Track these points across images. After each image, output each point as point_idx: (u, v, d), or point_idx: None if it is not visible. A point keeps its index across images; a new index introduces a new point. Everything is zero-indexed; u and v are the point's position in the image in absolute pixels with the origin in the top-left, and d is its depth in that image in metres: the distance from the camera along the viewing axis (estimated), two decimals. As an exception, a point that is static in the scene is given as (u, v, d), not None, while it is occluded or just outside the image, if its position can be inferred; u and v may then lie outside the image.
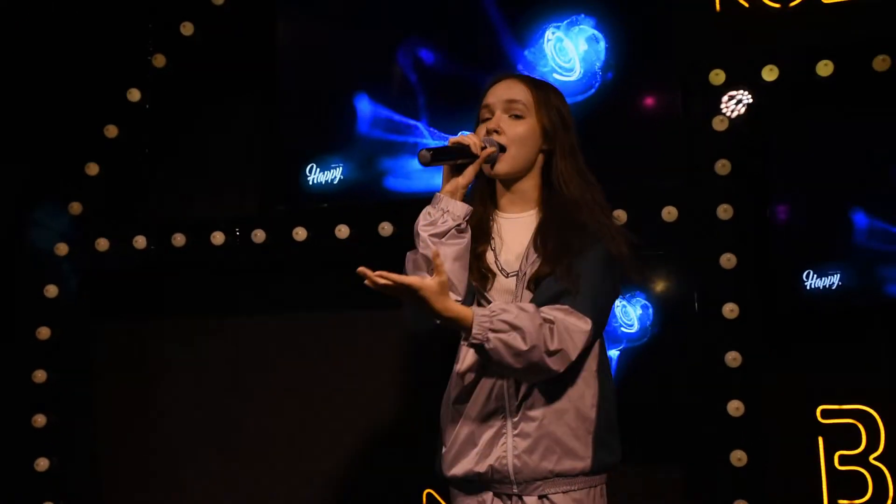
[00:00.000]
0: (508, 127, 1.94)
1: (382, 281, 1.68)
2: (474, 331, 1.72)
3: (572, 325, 1.79)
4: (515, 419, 1.87)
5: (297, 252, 3.05)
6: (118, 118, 3.19)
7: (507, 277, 1.92)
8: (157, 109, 3.23)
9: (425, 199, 2.34)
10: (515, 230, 1.97)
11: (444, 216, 1.88)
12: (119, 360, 3.33)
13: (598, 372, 1.93)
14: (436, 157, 1.84)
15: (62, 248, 3.17)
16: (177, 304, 3.30)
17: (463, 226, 1.89)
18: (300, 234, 3.03)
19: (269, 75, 3.12)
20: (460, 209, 1.89)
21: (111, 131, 3.18)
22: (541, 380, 1.84)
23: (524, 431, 1.86)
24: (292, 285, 3.21)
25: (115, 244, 3.15)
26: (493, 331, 1.72)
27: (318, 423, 3.16)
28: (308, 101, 3.08)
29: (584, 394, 1.90)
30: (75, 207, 3.18)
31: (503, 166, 1.94)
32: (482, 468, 1.88)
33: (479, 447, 1.88)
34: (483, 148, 1.90)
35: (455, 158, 1.88)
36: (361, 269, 1.69)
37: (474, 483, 1.92)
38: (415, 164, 2.96)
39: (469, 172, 1.90)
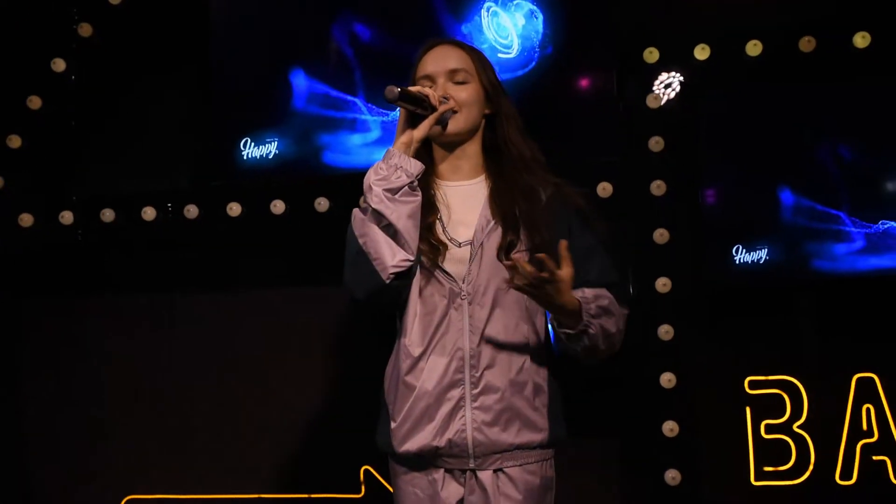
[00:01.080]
0: (455, 92, 1.93)
1: (530, 269, 1.69)
2: (584, 318, 1.79)
3: (619, 312, 1.90)
4: (475, 391, 1.84)
5: (232, 228, 2.99)
6: (42, 89, 3.07)
7: (459, 247, 1.89)
8: (84, 80, 3.11)
9: (364, 174, 2.33)
10: (463, 198, 1.94)
11: (397, 172, 1.83)
12: (45, 341, 3.22)
13: (546, 346, 1.95)
14: (403, 95, 1.80)
15: (-17, 224, 3.06)
16: (106, 282, 3.20)
17: (415, 184, 1.85)
18: (234, 209, 2.97)
19: (201, 46, 3.04)
20: (414, 166, 1.84)
21: (34, 102, 3.06)
22: (596, 361, 1.91)
23: (484, 404, 1.84)
24: (227, 261, 3.15)
25: (40, 220, 3.05)
26: (593, 316, 1.80)
27: (252, 402, 3.12)
28: (242, 75, 3.01)
29: (539, 367, 1.91)
30: (-4, 182, 3.07)
31: (455, 126, 1.92)
32: (440, 442, 1.84)
33: (436, 421, 1.84)
34: (441, 103, 1.88)
35: (416, 106, 1.85)
36: (515, 257, 1.74)
37: (426, 459, 1.88)
38: (354, 139, 2.93)
39: (424, 126, 1.86)
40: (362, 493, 2.98)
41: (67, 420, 3.20)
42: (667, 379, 2.72)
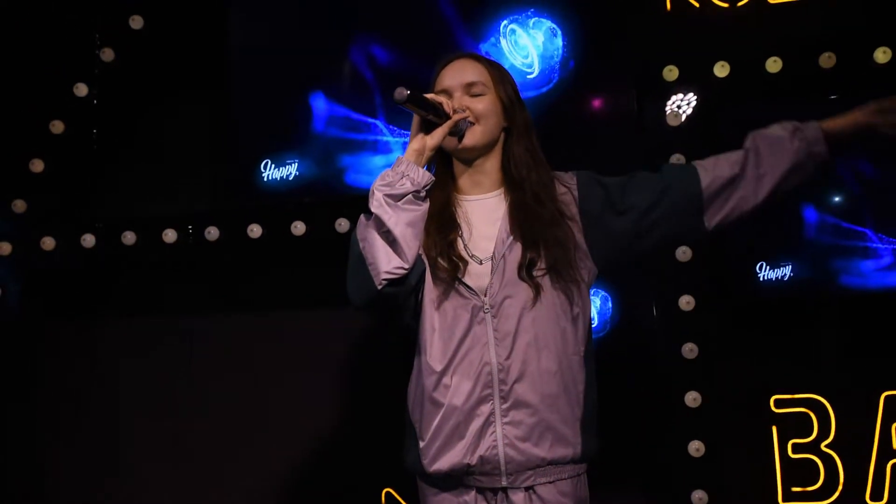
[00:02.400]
0: (471, 104, 1.91)
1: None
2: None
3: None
4: (505, 406, 1.81)
5: (253, 249, 2.99)
6: (64, 113, 3.10)
7: (480, 264, 1.86)
8: (106, 104, 3.14)
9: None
10: (483, 213, 1.92)
11: (402, 179, 1.80)
12: (67, 363, 3.22)
13: (587, 356, 1.91)
14: (412, 98, 1.79)
15: (5, 248, 3.06)
16: (127, 304, 3.21)
17: (422, 194, 1.82)
18: (255, 230, 2.98)
19: (221, 69, 3.07)
20: (421, 177, 1.81)
21: (57, 127, 3.08)
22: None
23: (516, 419, 1.80)
24: (247, 283, 3.15)
25: (62, 243, 3.06)
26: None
27: (273, 423, 3.10)
28: (262, 97, 3.04)
29: (576, 378, 1.87)
30: (19, 205, 3.08)
31: (471, 138, 1.89)
32: (472, 460, 1.81)
33: (466, 438, 1.80)
34: (456, 112, 1.87)
35: (428, 111, 1.83)
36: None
37: (457, 478, 1.85)
38: (377, 160, 2.94)
39: (438, 134, 1.84)
40: (384, 515, 2.96)
41: (86, 440, 3.19)
42: (692, 398, 2.69)
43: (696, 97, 2.82)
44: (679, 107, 2.82)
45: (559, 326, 1.87)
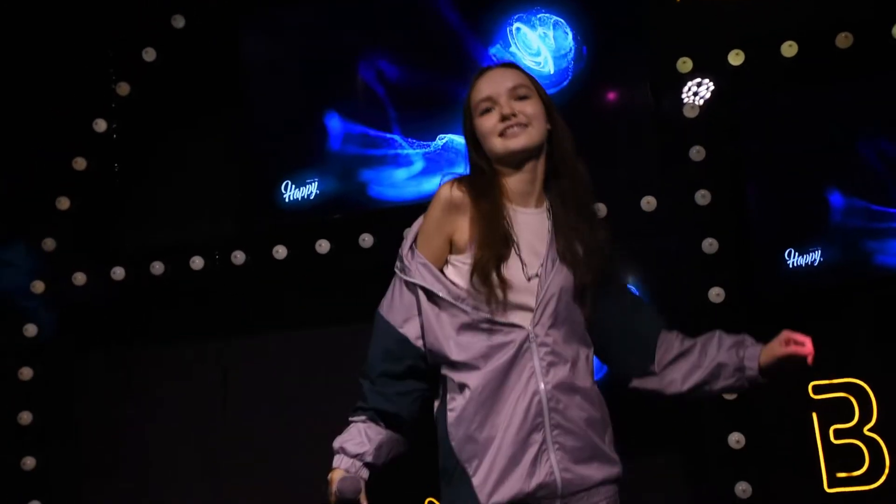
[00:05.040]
0: (521, 107, 1.89)
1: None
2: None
3: None
4: (556, 432, 1.82)
5: (279, 270, 3.02)
6: (85, 150, 3.14)
7: (528, 281, 1.85)
8: (125, 138, 3.18)
9: (409, 207, 2.32)
10: (531, 227, 1.90)
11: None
12: (105, 393, 3.26)
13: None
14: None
15: (39, 286, 3.11)
16: (160, 333, 3.23)
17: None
18: (280, 252, 3.00)
19: (235, 95, 3.09)
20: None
21: (79, 164, 3.13)
22: None
23: (566, 444, 1.82)
24: (276, 304, 3.17)
25: (93, 277, 3.10)
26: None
27: (308, 443, 3.10)
28: (278, 120, 3.06)
29: (600, 401, 1.92)
30: (48, 244, 3.12)
31: (526, 139, 1.87)
32: (529, 487, 1.80)
33: (522, 467, 1.80)
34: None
35: None
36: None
37: None
38: (399, 174, 2.94)
39: None
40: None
41: (123, 471, 3.21)
42: (729, 390, 2.67)
43: (711, 87, 2.80)
44: (696, 94, 2.80)
45: (586, 350, 1.93)
